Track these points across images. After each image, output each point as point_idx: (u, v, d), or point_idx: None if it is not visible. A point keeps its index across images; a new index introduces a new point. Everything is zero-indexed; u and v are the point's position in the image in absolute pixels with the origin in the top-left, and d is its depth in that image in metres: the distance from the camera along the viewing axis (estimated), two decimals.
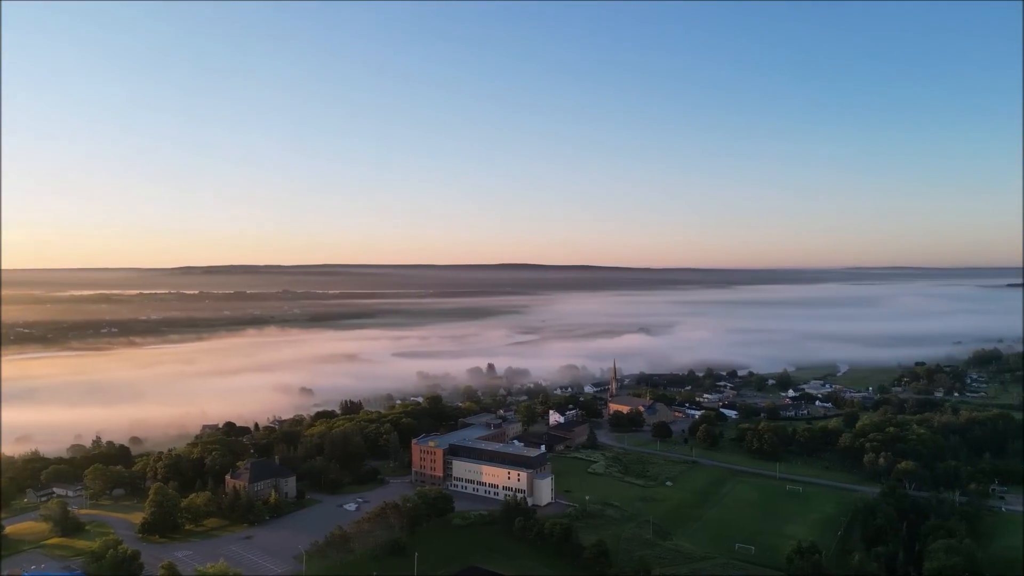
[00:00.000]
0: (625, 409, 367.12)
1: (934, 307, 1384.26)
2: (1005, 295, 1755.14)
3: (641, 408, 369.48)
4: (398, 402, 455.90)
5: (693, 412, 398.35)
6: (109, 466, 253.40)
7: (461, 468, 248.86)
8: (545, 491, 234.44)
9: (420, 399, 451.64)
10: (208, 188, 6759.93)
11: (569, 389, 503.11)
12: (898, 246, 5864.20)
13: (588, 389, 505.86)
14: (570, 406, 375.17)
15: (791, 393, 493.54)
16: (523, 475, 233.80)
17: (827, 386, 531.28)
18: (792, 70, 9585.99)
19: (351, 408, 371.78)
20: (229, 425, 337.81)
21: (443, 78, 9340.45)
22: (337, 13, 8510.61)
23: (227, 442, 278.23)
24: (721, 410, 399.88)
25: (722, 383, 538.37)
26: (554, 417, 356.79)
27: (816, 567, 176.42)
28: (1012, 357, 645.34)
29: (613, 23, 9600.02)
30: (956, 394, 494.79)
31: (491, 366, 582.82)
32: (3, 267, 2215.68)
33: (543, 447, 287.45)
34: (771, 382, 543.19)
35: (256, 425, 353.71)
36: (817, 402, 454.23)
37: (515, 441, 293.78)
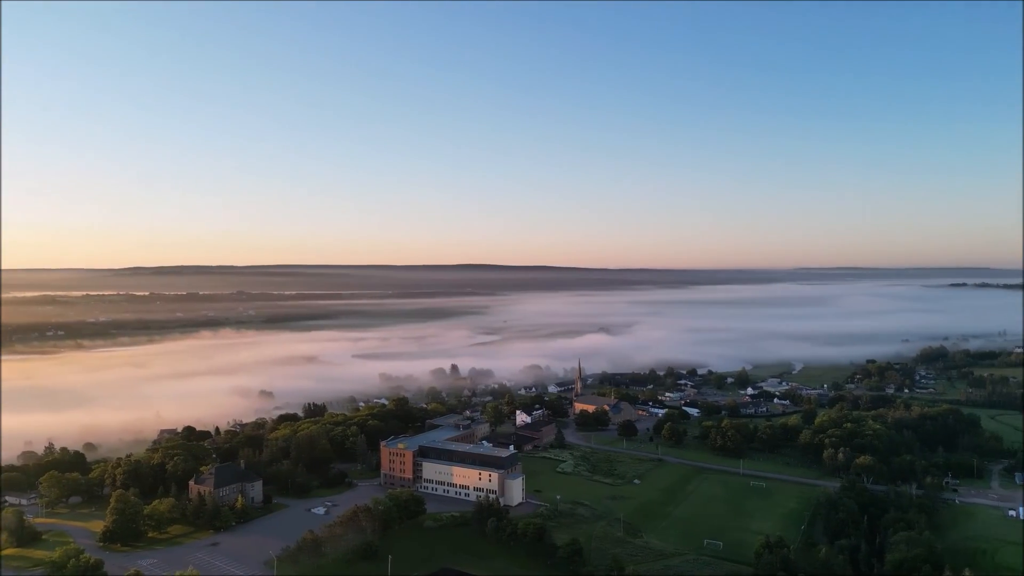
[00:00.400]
0: (591, 408, 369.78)
1: (881, 306, 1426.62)
2: (948, 295, 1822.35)
3: (606, 407, 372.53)
4: (361, 404, 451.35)
5: (656, 411, 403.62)
6: (65, 473, 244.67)
7: (431, 470, 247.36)
8: (516, 491, 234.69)
9: (384, 401, 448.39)
10: (154, 187, 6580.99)
11: (533, 389, 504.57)
12: (844, 247, 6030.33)
13: (552, 389, 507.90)
14: (536, 406, 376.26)
15: (750, 391, 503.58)
16: (494, 476, 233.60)
17: (784, 384, 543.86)
18: (750, 67, 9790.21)
19: (315, 411, 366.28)
20: (189, 430, 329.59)
21: (399, 74, 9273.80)
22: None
23: (188, 447, 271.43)
24: (683, 408, 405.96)
25: (683, 382, 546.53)
26: (521, 417, 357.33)
27: (785, 561, 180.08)
28: (957, 354, 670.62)
29: (573, 18, 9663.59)
30: (906, 390, 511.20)
31: (455, 367, 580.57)
32: None
33: (512, 447, 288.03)
34: (730, 380, 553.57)
35: (217, 429, 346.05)
36: (775, 399, 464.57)
37: (484, 442, 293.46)
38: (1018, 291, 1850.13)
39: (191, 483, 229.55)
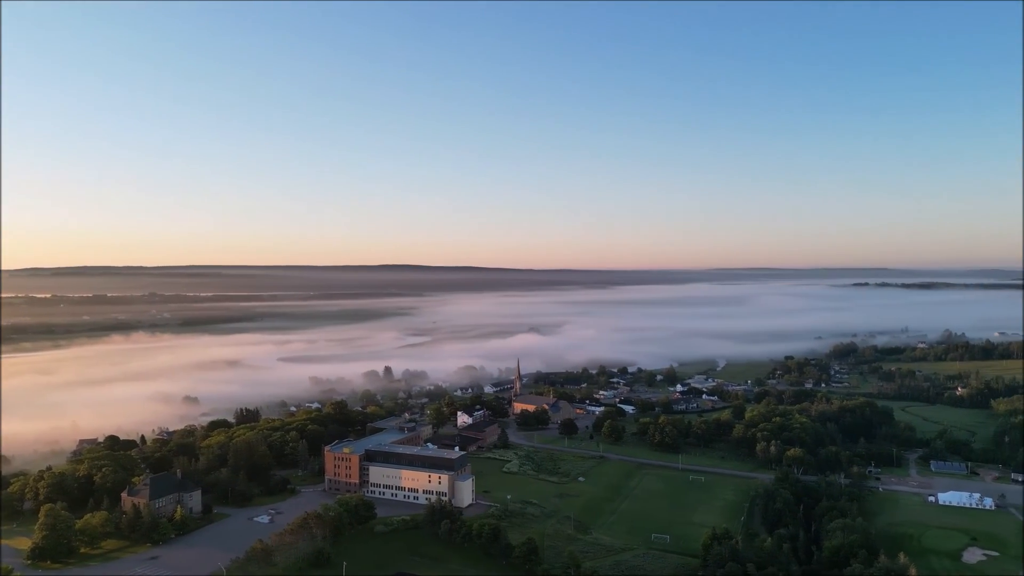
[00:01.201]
0: (531, 408, 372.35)
1: (792, 305, 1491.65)
2: (852, 294, 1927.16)
3: (546, 406, 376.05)
4: (294, 409, 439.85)
5: (594, 409, 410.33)
6: None
7: (378, 474, 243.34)
8: (466, 493, 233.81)
9: (318, 405, 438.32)
10: (53, 182, 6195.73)
11: (470, 390, 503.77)
12: (757, 249, 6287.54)
13: (488, 389, 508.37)
14: (477, 407, 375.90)
15: (679, 388, 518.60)
16: (444, 478, 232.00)
17: (710, 380, 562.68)
18: (663, 71, 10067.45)
19: (248, 416, 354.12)
20: (112, 439, 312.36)
21: (317, 70, 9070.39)
22: None
23: (115, 457, 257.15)
24: (619, 406, 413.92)
25: (615, 380, 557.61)
26: (462, 418, 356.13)
27: (733, 552, 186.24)
28: (867, 350, 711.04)
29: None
30: (824, 385, 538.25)
31: (388, 369, 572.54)
32: None
33: (457, 448, 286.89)
34: (660, 378, 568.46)
35: (143, 438, 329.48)
36: (704, 395, 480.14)
37: (428, 444, 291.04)
38: (916, 290, 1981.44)
39: (124, 495, 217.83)
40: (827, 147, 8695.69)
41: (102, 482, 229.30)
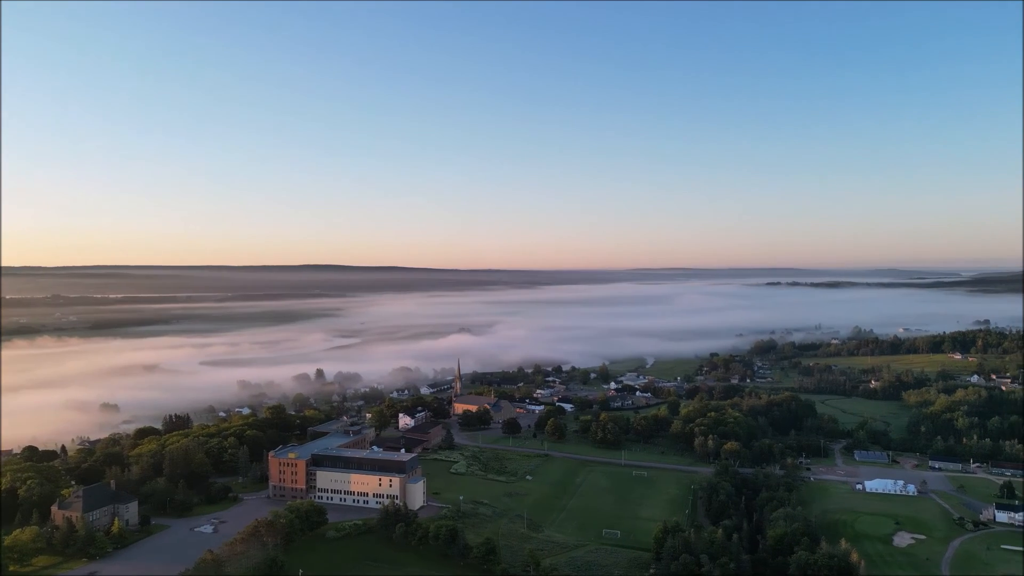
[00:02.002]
0: (473, 408, 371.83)
1: (712, 304, 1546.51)
2: (765, 293, 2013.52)
3: (487, 406, 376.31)
4: (223, 414, 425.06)
5: (534, 407, 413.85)
6: None
7: (326, 478, 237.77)
8: (418, 495, 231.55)
9: (248, 410, 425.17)
10: None
11: (406, 391, 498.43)
12: (675, 250, 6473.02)
13: (424, 391, 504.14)
14: (418, 408, 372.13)
15: (613, 385, 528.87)
16: (395, 480, 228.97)
17: (641, 378, 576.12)
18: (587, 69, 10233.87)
19: (178, 423, 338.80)
20: (30, 450, 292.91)
21: (234, 64, 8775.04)
22: None
23: (39, 469, 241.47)
24: (559, 404, 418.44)
25: (551, 378, 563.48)
26: (404, 420, 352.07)
27: (686, 544, 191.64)
28: (785, 346, 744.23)
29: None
30: (748, 380, 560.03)
31: (320, 372, 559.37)
32: None
33: (403, 450, 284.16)
34: (593, 376, 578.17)
35: (64, 448, 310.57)
36: (638, 392, 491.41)
37: (374, 447, 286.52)
38: (823, 288, 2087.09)
39: (54, 508, 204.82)
40: (731, 154, 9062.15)
41: (27, 496, 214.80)
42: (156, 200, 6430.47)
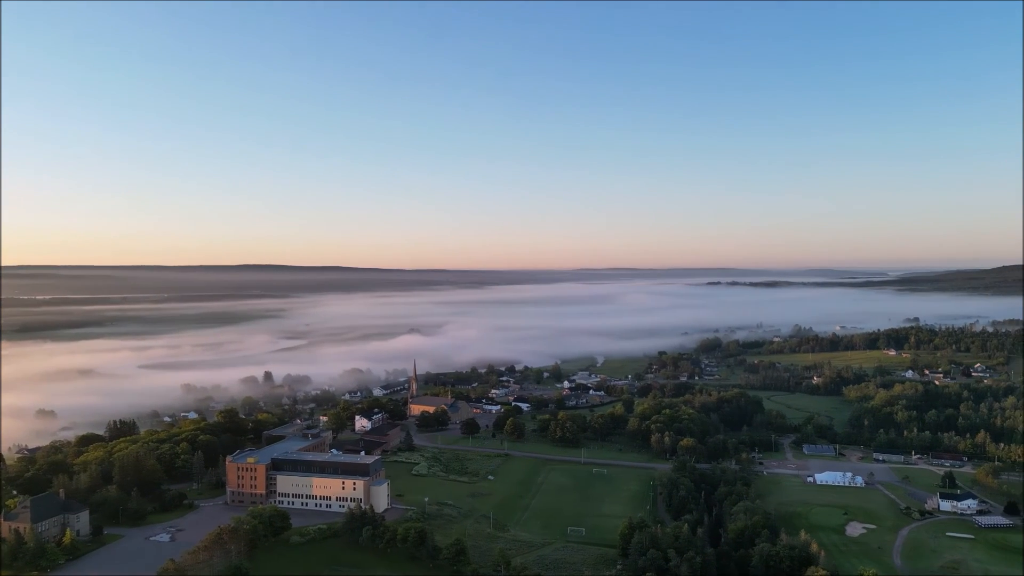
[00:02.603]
0: (430, 409, 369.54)
1: (656, 303, 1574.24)
2: (707, 292, 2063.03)
3: (444, 407, 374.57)
4: (168, 419, 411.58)
5: (490, 407, 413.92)
6: None
7: (287, 483, 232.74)
8: (382, 497, 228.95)
9: (195, 414, 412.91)
10: None
11: (359, 393, 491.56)
12: (617, 250, 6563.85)
13: (378, 392, 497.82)
14: (375, 410, 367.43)
15: (567, 384, 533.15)
16: (359, 483, 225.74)
17: (593, 376, 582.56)
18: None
19: (123, 429, 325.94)
20: None
21: (185, 57, 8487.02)
22: None
23: None
24: (515, 404, 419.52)
25: (505, 378, 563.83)
26: (360, 422, 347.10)
27: (653, 539, 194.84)
28: (730, 344, 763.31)
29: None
30: (697, 378, 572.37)
31: (268, 374, 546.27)
32: None
33: (362, 453, 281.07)
34: (546, 375, 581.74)
35: (0, 457, 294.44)
36: (591, 391, 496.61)
37: (333, 450, 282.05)
38: (762, 288, 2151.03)
39: (0, 520, 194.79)
40: (671, 156, 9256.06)
41: None
42: (81, 196, 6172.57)
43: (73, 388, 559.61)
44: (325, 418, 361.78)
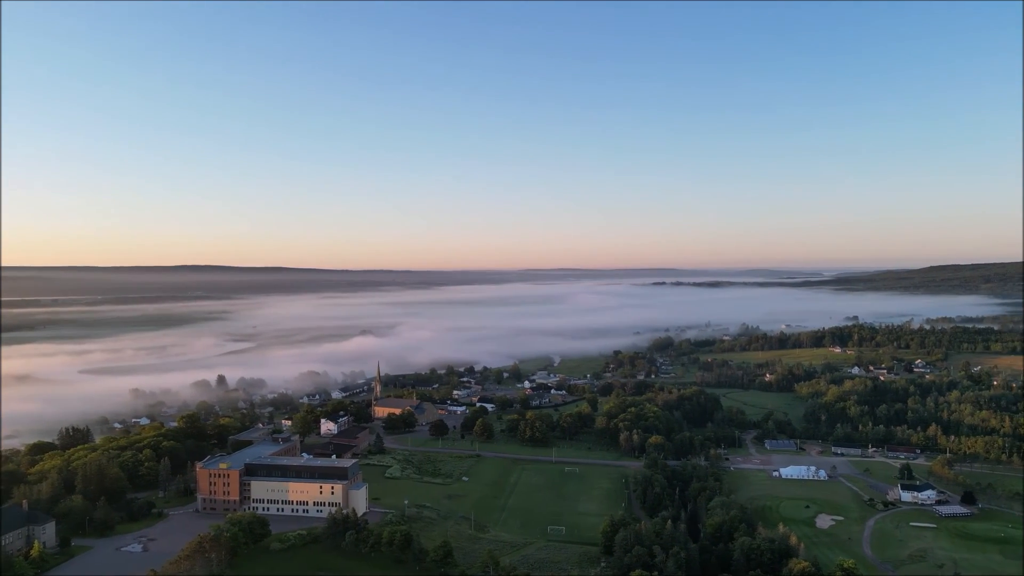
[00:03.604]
0: (396, 411, 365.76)
1: (604, 303, 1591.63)
2: (652, 292, 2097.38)
3: (410, 408, 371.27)
4: (117, 425, 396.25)
5: (455, 408, 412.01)
6: None
7: (262, 488, 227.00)
8: (361, 501, 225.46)
9: (146, 420, 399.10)
10: None
11: (317, 396, 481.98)
12: (563, 251, 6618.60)
13: (336, 394, 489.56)
14: (340, 413, 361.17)
15: (527, 384, 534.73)
16: (338, 487, 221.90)
17: (552, 376, 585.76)
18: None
19: (77, 437, 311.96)
20: None
21: (111, 51, 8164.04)
22: None
23: None
24: (480, 404, 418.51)
25: (465, 379, 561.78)
26: (326, 426, 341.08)
27: (638, 536, 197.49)
28: (682, 343, 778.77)
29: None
30: (654, 376, 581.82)
31: (222, 378, 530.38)
32: None
33: (333, 456, 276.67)
34: (507, 375, 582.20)
35: None
36: (552, 390, 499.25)
37: (303, 454, 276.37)
38: (706, 288, 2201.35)
39: None
40: (612, 158, 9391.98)
41: None
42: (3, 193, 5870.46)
43: (11, 395, 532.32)
44: (288, 422, 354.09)
